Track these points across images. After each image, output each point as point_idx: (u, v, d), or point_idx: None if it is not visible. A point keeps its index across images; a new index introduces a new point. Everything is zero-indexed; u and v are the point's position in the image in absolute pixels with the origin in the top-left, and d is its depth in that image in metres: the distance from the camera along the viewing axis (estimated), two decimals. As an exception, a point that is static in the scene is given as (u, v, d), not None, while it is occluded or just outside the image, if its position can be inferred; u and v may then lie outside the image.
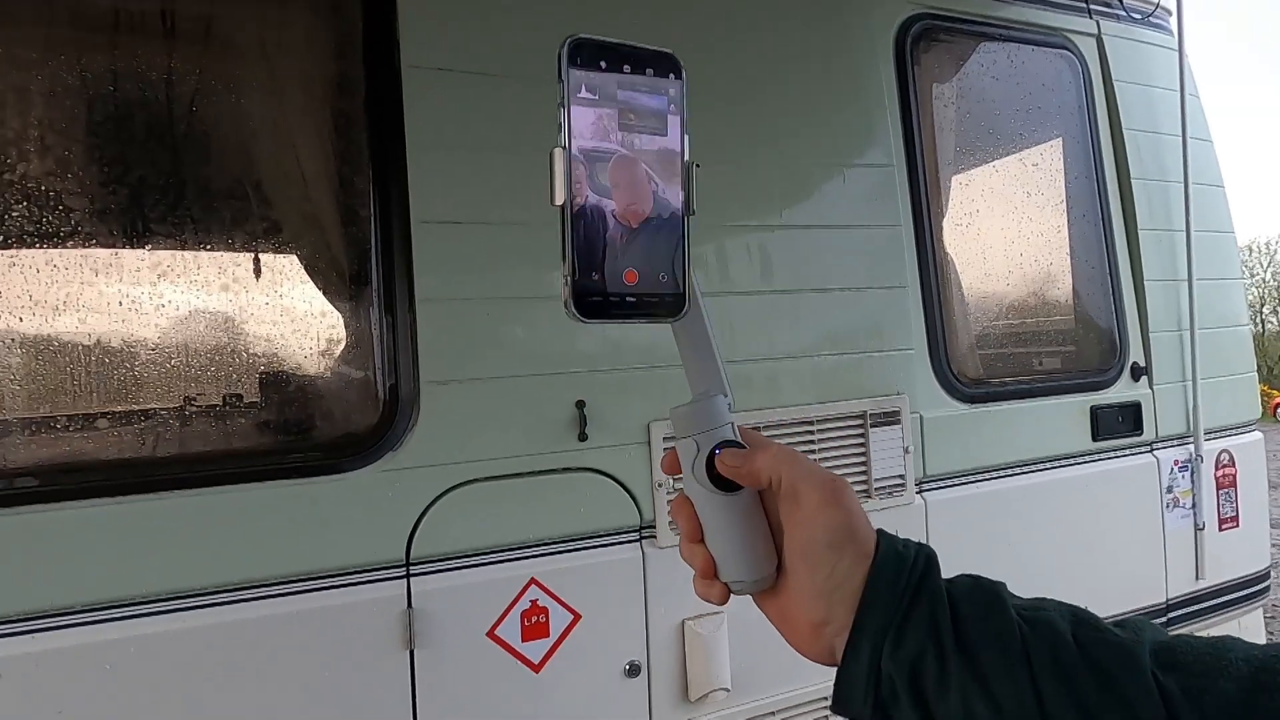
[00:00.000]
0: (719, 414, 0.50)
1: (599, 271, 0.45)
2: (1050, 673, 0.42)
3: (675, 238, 0.48)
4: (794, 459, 0.48)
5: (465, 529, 1.37)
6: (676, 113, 0.48)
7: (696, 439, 0.49)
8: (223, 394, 1.33)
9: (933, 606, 0.45)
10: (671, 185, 0.48)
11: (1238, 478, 2.25)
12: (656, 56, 0.48)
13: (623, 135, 0.46)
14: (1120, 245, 2.14)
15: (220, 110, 1.35)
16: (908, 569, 0.46)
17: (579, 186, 0.45)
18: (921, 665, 0.43)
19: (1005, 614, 0.44)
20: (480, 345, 1.41)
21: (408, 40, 1.39)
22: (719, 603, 0.50)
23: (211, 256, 1.33)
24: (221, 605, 1.20)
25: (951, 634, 0.44)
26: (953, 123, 2.04)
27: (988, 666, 0.42)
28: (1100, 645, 0.42)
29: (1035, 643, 0.43)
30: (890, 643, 0.44)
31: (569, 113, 0.45)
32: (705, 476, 0.48)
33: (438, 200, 1.39)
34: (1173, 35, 2.30)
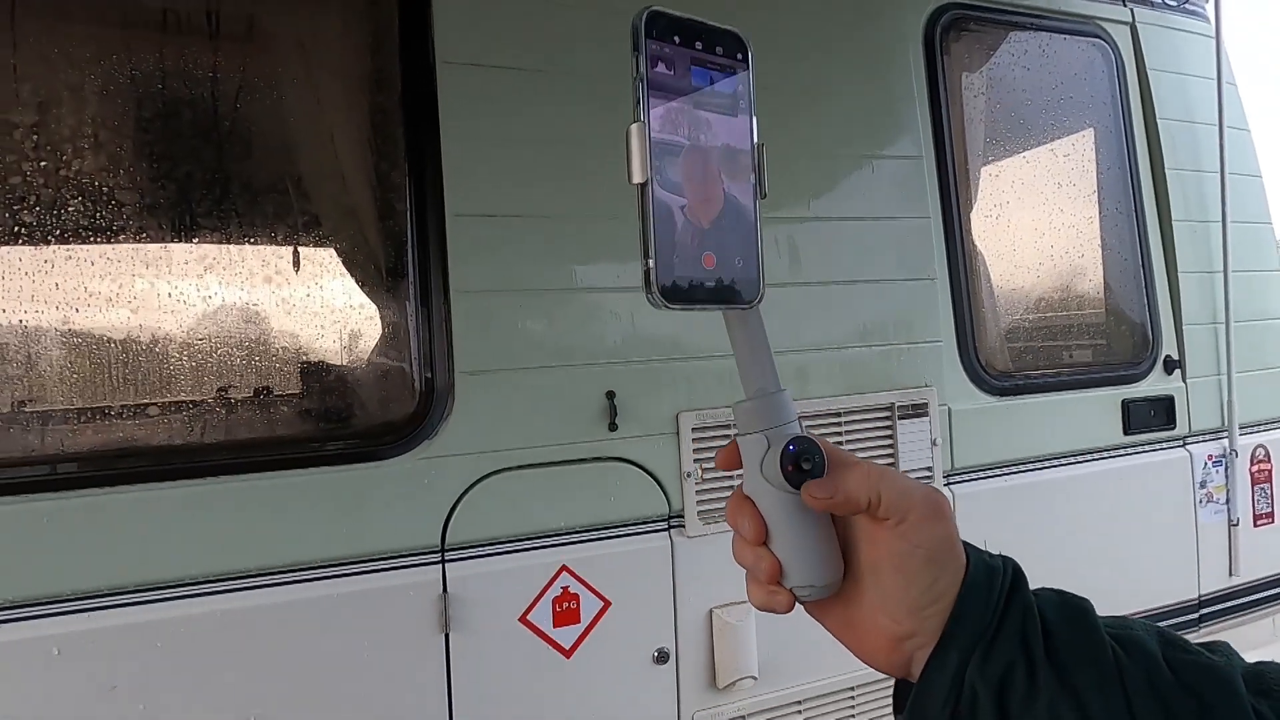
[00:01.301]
0: (788, 409, 0.48)
1: (679, 255, 0.44)
2: (1146, 694, 0.41)
3: (750, 224, 0.47)
4: (887, 476, 0.46)
5: (498, 516, 1.40)
6: (745, 94, 0.48)
7: (767, 434, 0.47)
8: (265, 383, 1.37)
9: (1024, 619, 0.44)
10: (740, 175, 0.47)
11: (1274, 473, 2.21)
12: (726, 35, 0.47)
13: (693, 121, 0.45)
14: (1154, 237, 2.11)
15: (262, 107, 1.39)
16: (999, 581, 0.45)
17: None
18: (1010, 678, 0.42)
19: (1096, 630, 0.44)
20: (513, 336, 1.43)
21: (441, 36, 1.41)
22: (783, 610, 0.47)
23: (255, 250, 1.36)
24: (265, 588, 1.24)
25: (1042, 647, 0.43)
26: (982, 113, 2.02)
27: (1081, 682, 0.42)
28: (1194, 668, 0.42)
29: (1129, 663, 0.42)
30: (980, 654, 0.43)
31: (646, 86, 0.44)
32: (779, 474, 0.46)
33: (472, 194, 1.41)
34: (1209, 22, 2.25)
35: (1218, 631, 2.12)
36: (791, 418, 0.48)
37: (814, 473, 0.46)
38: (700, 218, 0.45)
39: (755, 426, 0.48)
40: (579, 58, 1.50)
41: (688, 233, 0.45)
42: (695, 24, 0.46)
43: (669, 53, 0.45)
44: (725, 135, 0.47)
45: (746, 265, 0.47)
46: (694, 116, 0.45)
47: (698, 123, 0.46)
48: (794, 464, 0.46)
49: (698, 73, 0.46)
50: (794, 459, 0.46)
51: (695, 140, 0.45)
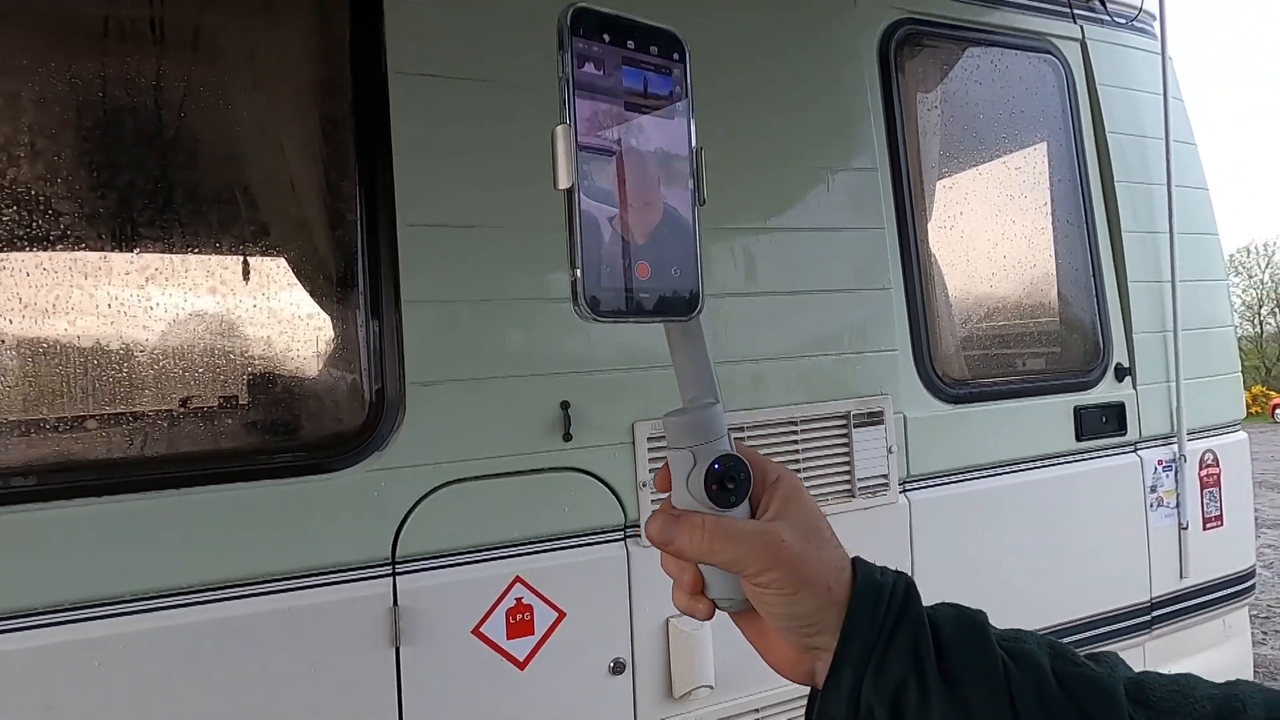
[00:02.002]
0: (718, 425, 0.47)
1: (608, 265, 0.41)
2: (1033, 705, 0.43)
3: (688, 233, 0.44)
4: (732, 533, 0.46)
5: (451, 528, 1.39)
6: (682, 95, 0.45)
7: (694, 451, 0.46)
8: (210, 395, 1.35)
9: (915, 634, 0.45)
10: (677, 182, 0.44)
11: (1222, 477, 2.27)
12: (662, 34, 0.45)
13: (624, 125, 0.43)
14: (1104, 247, 2.17)
15: (209, 115, 1.38)
16: (887, 596, 0.46)
17: None
18: (903, 694, 0.44)
19: (988, 644, 0.45)
20: (466, 347, 1.43)
21: (394, 46, 1.41)
22: (704, 618, 0.49)
23: (200, 260, 1.35)
24: (209, 603, 1.22)
25: (934, 662, 0.44)
26: (937, 127, 2.06)
27: (971, 696, 0.43)
28: (1079, 680, 0.43)
29: (1018, 675, 0.44)
30: (872, 671, 0.44)
31: (572, 86, 0.41)
32: (703, 492, 0.45)
33: (424, 204, 1.41)
34: (1156, 39, 2.32)
35: (1170, 630, 2.16)
36: (720, 434, 0.47)
37: (738, 492, 0.46)
38: (634, 226, 0.43)
39: (683, 442, 0.46)
40: (532, 69, 1.51)
41: (618, 242, 0.42)
42: (626, 21, 0.44)
43: (598, 51, 0.43)
44: (661, 140, 0.44)
45: (685, 275, 0.44)
46: (626, 120, 0.43)
47: (630, 127, 0.43)
48: (718, 483, 0.46)
49: (630, 73, 0.43)
50: (718, 478, 0.46)
51: (627, 145, 0.43)
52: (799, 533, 0.46)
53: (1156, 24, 2.31)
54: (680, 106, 0.45)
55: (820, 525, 0.48)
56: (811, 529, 0.47)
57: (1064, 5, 2.20)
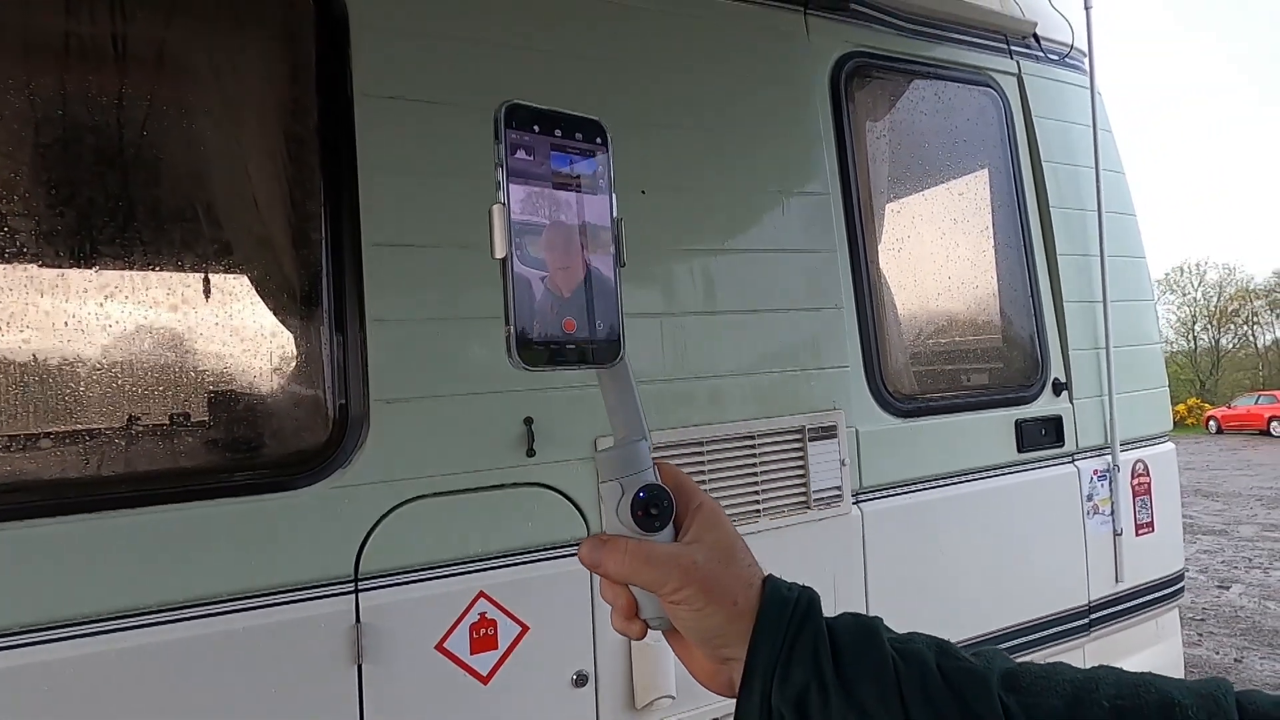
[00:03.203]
0: (642, 459, 0.52)
1: (538, 320, 0.48)
2: (918, 699, 0.48)
3: (610, 291, 0.51)
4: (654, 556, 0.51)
5: (414, 544, 1.40)
6: (605, 174, 0.52)
7: (621, 482, 0.52)
8: (170, 413, 1.34)
9: (815, 644, 0.50)
10: (601, 248, 0.51)
11: (1152, 486, 2.41)
12: (585, 123, 0.52)
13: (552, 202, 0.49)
14: (1041, 269, 2.29)
15: (172, 133, 1.38)
16: (790, 610, 0.51)
17: None
18: (807, 698, 0.48)
19: (881, 648, 0.50)
20: (430, 364, 1.45)
21: (360, 69, 1.44)
22: (637, 638, 0.54)
23: (161, 277, 1.34)
24: (167, 624, 1.21)
25: (832, 668, 0.49)
26: (885, 154, 2.17)
27: (864, 696, 0.48)
28: (959, 673, 0.49)
29: (906, 673, 0.49)
30: (778, 679, 0.49)
31: (506, 171, 0.48)
32: (630, 518, 0.51)
33: (389, 224, 1.43)
34: (1086, 74, 2.48)
35: (1108, 632, 2.28)
36: (645, 466, 0.53)
37: (661, 518, 0.52)
38: (560, 287, 0.49)
39: (612, 475, 0.52)
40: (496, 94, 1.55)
41: (548, 301, 0.48)
42: (553, 114, 0.50)
43: (529, 140, 0.49)
44: (586, 213, 0.51)
45: (608, 328, 0.51)
46: (553, 197, 0.50)
47: (557, 203, 0.50)
48: (643, 510, 0.51)
49: (557, 157, 0.50)
50: (643, 506, 0.51)
51: (555, 219, 0.49)
52: (711, 554, 0.51)
53: (1087, 61, 2.47)
54: (603, 184, 0.52)
55: (734, 546, 0.53)
56: (724, 550, 0.52)
57: (1002, 41, 2.34)
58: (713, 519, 0.53)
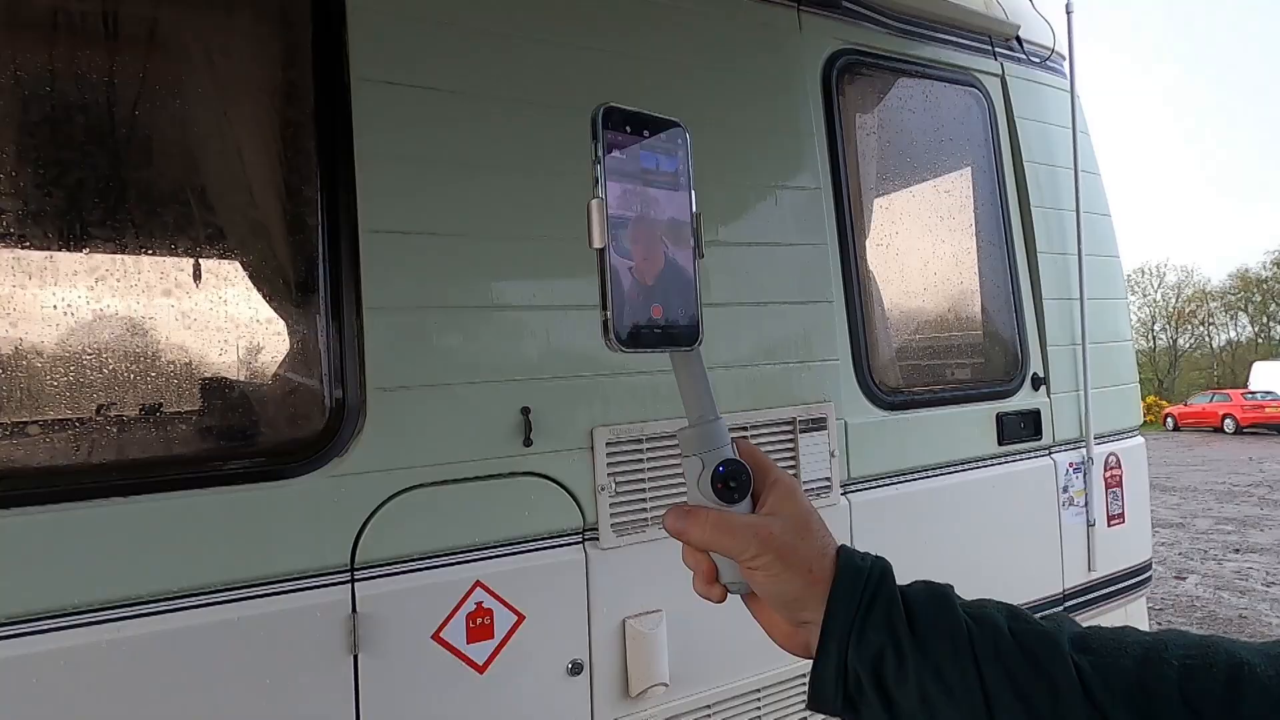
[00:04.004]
0: (721, 436, 0.57)
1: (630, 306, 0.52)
2: (991, 659, 0.50)
3: (689, 281, 0.55)
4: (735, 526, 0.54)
5: (411, 533, 1.39)
6: (685, 171, 0.56)
7: (702, 457, 0.56)
8: (164, 400, 1.32)
9: (888, 609, 0.53)
10: (682, 241, 0.55)
11: (1124, 478, 2.49)
12: (668, 124, 0.56)
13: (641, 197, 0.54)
14: (1022, 266, 2.35)
15: (163, 115, 1.34)
16: (864, 579, 0.54)
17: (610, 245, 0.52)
18: (882, 660, 0.51)
19: (953, 612, 0.53)
20: (428, 353, 1.44)
21: (357, 53, 1.42)
22: (718, 601, 0.58)
23: (154, 262, 1.31)
24: (162, 614, 1.19)
25: (907, 631, 0.52)
26: (874, 150, 2.20)
27: (939, 656, 0.50)
28: (1030, 635, 0.51)
29: (979, 635, 0.51)
30: (854, 642, 0.52)
31: (604, 168, 0.52)
32: (710, 490, 0.55)
33: (387, 210, 1.42)
34: (1066, 78, 2.55)
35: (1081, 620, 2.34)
36: (724, 443, 0.57)
37: (739, 491, 0.56)
38: (645, 276, 0.53)
39: (692, 450, 0.56)
40: (495, 82, 1.54)
41: (636, 289, 0.53)
42: (643, 116, 0.55)
43: (621, 140, 0.53)
44: (668, 208, 0.55)
45: (688, 314, 0.55)
46: (641, 193, 0.54)
47: (645, 198, 0.54)
48: (723, 484, 0.55)
49: (645, 155, 0.55)
50: (723, 479, 0.56)
51: (643, 213, 0.54)
52: (787, 525, 0.55)
53: (1067, 64, 2.53)
54: (683, 181, 0.56)
55: (809, 519, 0.56)
56: (800, 522, 0.56)
57: (986, 43, 2.39)
58: (788, 493, 0.57)
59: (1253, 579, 6.89)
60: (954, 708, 0.49)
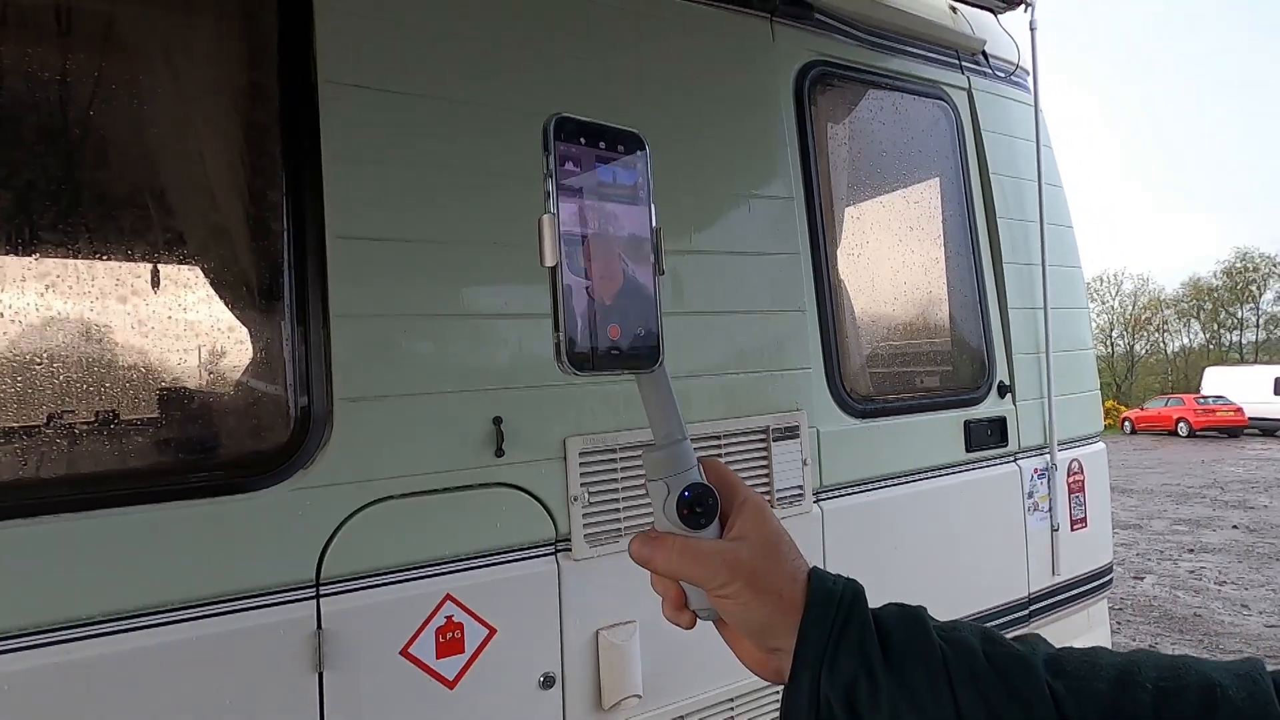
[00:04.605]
0: (685, 459, 0.54)
1: (585, 327, 0.50)
2: (966, 682, 0.49)
3: (649, 299, 0.53)
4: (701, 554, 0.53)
5: (379, 547, 1.36)
6: (644, 185, 0.53)
7: (667, 482, 0.54)
8: (120, 410, 1.27)
9: (861, 635, 0.51)
10: (641, 257, 0.53)
11: (1085, 483, 2.55)
12: (627, 135, 0.53)
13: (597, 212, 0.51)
14: (988, 276, 2.40)
15: (119, 115, 1.30)
16: (835, 604, 0.52)
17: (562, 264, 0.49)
18: (855, 687, 0.50)
19: (927, 635, 0.52)
20: (397, 362, 1.41)
21: (324, 55, 1.39)
22: (687, 627, 0.56)
23: (109, 266, 1.26)
24: (116, 634, 1.14)
25: (880, 656, 0.50)
26: (845, 160, 2.22)
27: (914, 681, 0.49)
28: (1004, 658, 0.50)
29: (953, 658, 0.50)
30: (826, 669, 0.50)
31: (555, 183, 0.49)
32: (676, 516, 0.53)
33: (354, 216, 1.39)
34: (1030, 92, 2.61)
35: (1045, 622, 2.39)
36: (689, 465, 0.54)
37: (706, 516, 0.54)
38: (603, 295, 0.50)
39: (657, 474, 0.54)
40: (467, 88, 1.52)
41: (592, 308, 0.50)
42: (598, 126, 0.52)
43: (575, 152, 0.50)
44: (626, 223, 0.52)
45: (648, 334, 0.52)
46: (597, 208, 0.51)
47: (601, 213, 0.51)
48: (689, 509, 0.53)
49: (602, 169, 0.52)
50: (689, 505, 0.53)
51: (599, 229, 0.51)
52: (756, 549, 0.53)
53: (1030, 79, 2.59)
54: (642, 195, 0.53)
55: (778, 542, 0.54)
56: (769, 545, 0.54)
57: (954, 57, 2.43)
58: (757, 515, 0.55)
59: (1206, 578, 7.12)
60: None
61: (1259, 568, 7.45)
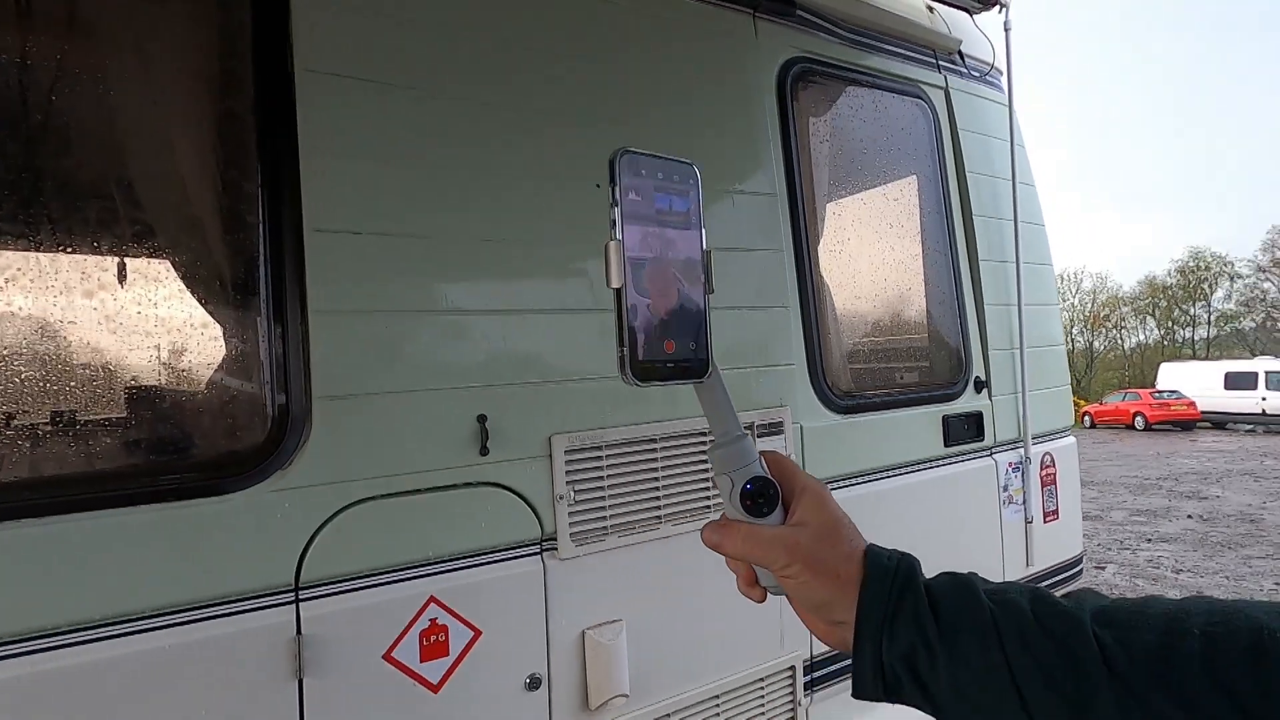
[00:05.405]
0: (746, 454, 0.61)
1: (645, 343, 0.56)
2: (1016, 643, 0.52)
3: (699, 317, 0.59)
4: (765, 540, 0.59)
5: (361, 549, 1.33)
6: (696, 210, 0.59)
7: (731, 475, 0.60)
8: (88, 410, 1.21)
9: (915, 606, 0.55)
10: (693, 278, 0.59)
11: (1057, 476, 2.60)
12: (682, 165, 0.59)
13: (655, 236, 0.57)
14: (965, 273, 2.43)
15: (84, 102, 1.24)
16: (889, 579, 0.57)
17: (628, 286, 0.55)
18: (914, 655, 0.54)
19: (977, 600, 0.55)
20: (379, 359, 1.37)
21: (301, 42, 1.34)
22: (759, 601, 0.63)
23: (75, 260, 1.20)
24: (84, 644, 1.09)
25: (934, 625, 0.54)
26: (826, 157, 2.23)
27: (966, 645, 0.53)
28: (1052, 615, 0.53)
29: (1003, 620, 0.53)
30: (886, 641, 0.55)
31: (622, 210, 0.55)
32: (740, 507, 0.60)
33: (334, 209, 1.35)
34: (1004, 92, 2.65)
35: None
36: (750, 460, 0.61)
37: (768, 505, 0.60)
38: (660, 312, 0.57)
39: (722, 469, 0.61)
40: (450, 79, 1.49)
41: (651, 325, 0.56)
42: (657, 158, 0.58)
43: (637, 183, 0.57)
44: (681, 246, 0.58)
45: (698, 348, 0.59)
46: (656, 233, 0.57)
47: (660, 237, 0.57)
48: (751, 500, 0.60)
49: (660, 197, 0.58)
50: (751, 496, 0.60)
51: (657, 252, 0.57)
52: (815, 534, 0.59)
53: (1005, 79, 2.63)
54: (694, 220, 0.59)
55: (838, 525, 0.60)
56: (828, 529, 0.59)
57: (931, 56, 2.46)
58: (816, 502, 0.60)
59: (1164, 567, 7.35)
60: (985, 692, 0.52)
61: (1212, 556, 7.72)
